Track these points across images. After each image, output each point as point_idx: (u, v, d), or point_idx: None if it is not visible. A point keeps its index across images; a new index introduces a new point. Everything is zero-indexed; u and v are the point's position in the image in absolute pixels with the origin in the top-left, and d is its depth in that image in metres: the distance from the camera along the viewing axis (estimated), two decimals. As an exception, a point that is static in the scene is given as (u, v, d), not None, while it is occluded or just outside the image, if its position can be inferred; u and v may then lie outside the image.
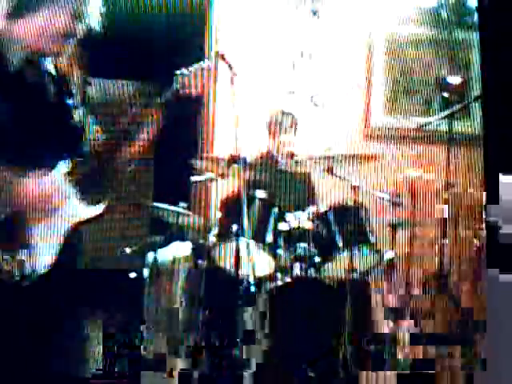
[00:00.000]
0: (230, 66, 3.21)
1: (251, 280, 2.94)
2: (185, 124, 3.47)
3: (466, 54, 3.50)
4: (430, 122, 3.26)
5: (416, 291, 3.05)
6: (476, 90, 3.31)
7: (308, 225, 3.10)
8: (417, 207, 3.13)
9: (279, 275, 3.07)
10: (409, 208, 3.13)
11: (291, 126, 3.46)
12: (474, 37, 3.51)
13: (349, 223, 3.00)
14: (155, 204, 3.24)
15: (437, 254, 3.02)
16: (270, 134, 3.50)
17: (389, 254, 3.13)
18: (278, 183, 3.31)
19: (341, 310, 2.83)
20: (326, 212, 3.11)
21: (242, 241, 2.97)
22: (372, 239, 3.06)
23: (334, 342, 2.85)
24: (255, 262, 2.98)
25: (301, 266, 3.06)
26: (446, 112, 3.10)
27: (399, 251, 3.11)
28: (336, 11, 3.80)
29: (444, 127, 3.16)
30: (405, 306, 2.97)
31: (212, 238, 3.17)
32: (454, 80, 3.18)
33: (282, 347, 2.90)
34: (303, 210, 3.16)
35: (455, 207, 3.12)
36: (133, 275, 3.32)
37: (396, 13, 3.69)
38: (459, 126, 3.26)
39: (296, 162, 3.24)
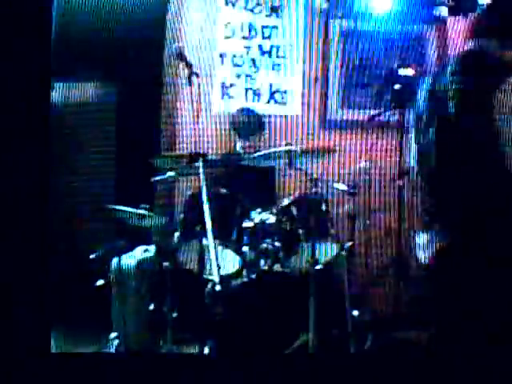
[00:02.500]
0: (188, 64, 3.21)
1: (216, 279, 2.92)
2: (145, 123, 3.45)
3: (419, 47, 3.57)
4: (383, 113, 3.31)
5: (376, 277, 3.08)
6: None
7: (271, 220, 3.10)
8: (373, 196, 3.17)
9: (245, 272, 3.06)
10: (365, 197, 3.16)
11: (255, 124, 3.47)
12: (428, 30, 3.58)
13: (310, 216, 3.00)
14: (117, 207, 3.20)
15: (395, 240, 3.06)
16: (234, 131, 3.49)
17: (348, 244, 3.16)
18: (240, 180, 3.30)
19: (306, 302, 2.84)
20: (288, 206, 3.11)
21: (206, 240, 2.96)
22: (332, 230, 3.08)
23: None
24: (220, 260, 2.97)
25: (266, 262, 3.07)
26: (398, 103, 3.15)
27: (358, 240, 3.15)
28: (294, 7, 3.82)
29: (396, 118, 3.21)
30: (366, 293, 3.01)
31: (176, 239, 3.15)
32: (406, 72, 3.23)
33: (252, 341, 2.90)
34: (266, 206, 3.17)
35: (410, 193, 3.15)
36: (99, 282, 3.26)
37: (351, 8, 3.72)
38: (411, 116, 3.31)
39: (257, 158, 3.24)
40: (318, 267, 2.96)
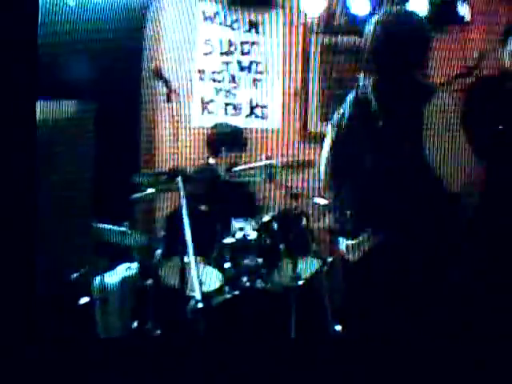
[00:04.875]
0: (166, 81, 3.21)
1: (198, 296, 2.91)
2: (125, 140, 3.44)
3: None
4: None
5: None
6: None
7: (252, 236, 3.09)
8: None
9: (227, 288, 3.05)
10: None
11: (238, 139, 3.47)
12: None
13: (291, 231, 3.00)
14: (98, 225, 3.18)
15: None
16: (213, 146, 3.49)
17: (329, 258, 3.17)
18: (220, 195, 3.30)
19: (288, 317, 2.83)
20: (269, 221, 3.11)
21: (188, 257, 2.94)
22: (313, 245, 3.09)
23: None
24: (202, 277, 2.96)
25: (248, 278, 3.06)
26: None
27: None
28: (273, 22, 3.84)
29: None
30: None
31: (158, 256, 3.13)
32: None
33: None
34: (247, 221, 3.16)
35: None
36: (83, 300, 3.23)
37: (330, 22, 3.76)
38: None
39: (238, 173, 3.24)
40: (299, 283, 2.97)
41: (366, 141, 2.22)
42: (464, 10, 3.52)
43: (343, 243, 2.38)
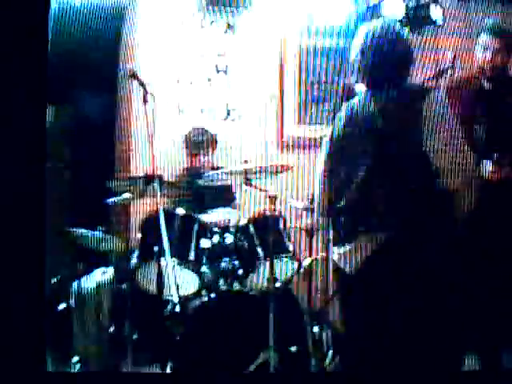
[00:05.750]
0: (142, 84, 3.20)
1: (175, 300, 2.91)
2: (100, 144, 3.41)
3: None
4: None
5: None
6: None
7: (230, 239, 3.09)
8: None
9: (204, 292, 3.05)
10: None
11: (208, 142, 3.48)
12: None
13: (268, 234, 3.01)
14: (73, 230, 3.16)
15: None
16: (187, 150, 3.50)
17: (307, 261, 3.19)
18: (197, 199, 3.30)
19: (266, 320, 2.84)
20: (246, 225, 3.11)
21: (164, 261, 2.94)
22: (291, 247, 3.10)
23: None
24: (179, 281, 2.96)
25: (225, 281, 3.06)
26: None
27: (316, 256, 3.18)
28: (250, 25, 3.85)
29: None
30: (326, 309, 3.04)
31: (134, 260, 3.12)
32: (362, 87, 3.29)
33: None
34: (224, 225, 3.17)
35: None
36: (61, 306, 3.20)
37: (307, 25, 3.77)
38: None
39: (215, 177, 3.23)
40: (276, 285, 2.98)
41: (367, 149, 2.27)
42: (437, 13, 3.58)
43: (337, 252, 2.37)
